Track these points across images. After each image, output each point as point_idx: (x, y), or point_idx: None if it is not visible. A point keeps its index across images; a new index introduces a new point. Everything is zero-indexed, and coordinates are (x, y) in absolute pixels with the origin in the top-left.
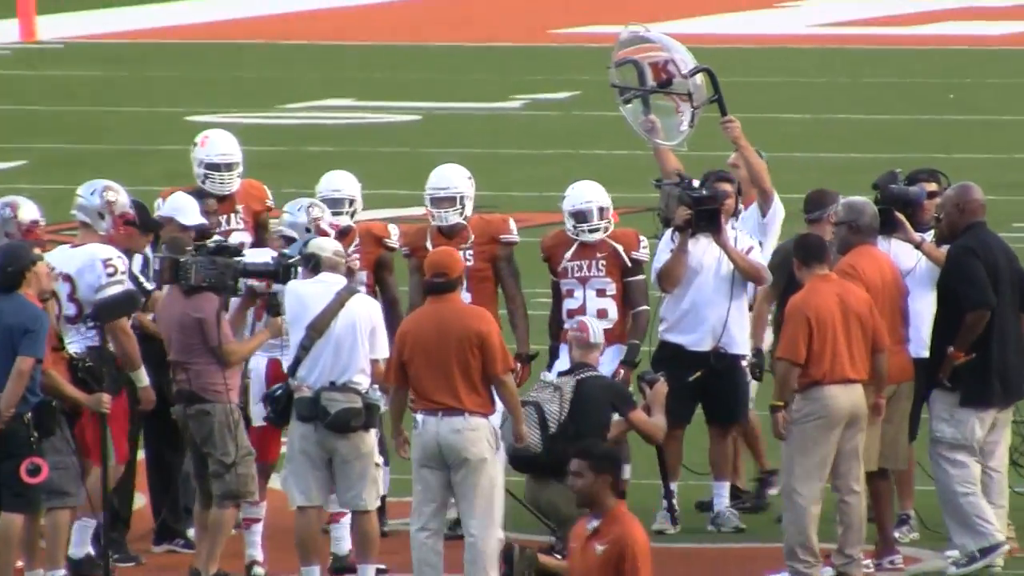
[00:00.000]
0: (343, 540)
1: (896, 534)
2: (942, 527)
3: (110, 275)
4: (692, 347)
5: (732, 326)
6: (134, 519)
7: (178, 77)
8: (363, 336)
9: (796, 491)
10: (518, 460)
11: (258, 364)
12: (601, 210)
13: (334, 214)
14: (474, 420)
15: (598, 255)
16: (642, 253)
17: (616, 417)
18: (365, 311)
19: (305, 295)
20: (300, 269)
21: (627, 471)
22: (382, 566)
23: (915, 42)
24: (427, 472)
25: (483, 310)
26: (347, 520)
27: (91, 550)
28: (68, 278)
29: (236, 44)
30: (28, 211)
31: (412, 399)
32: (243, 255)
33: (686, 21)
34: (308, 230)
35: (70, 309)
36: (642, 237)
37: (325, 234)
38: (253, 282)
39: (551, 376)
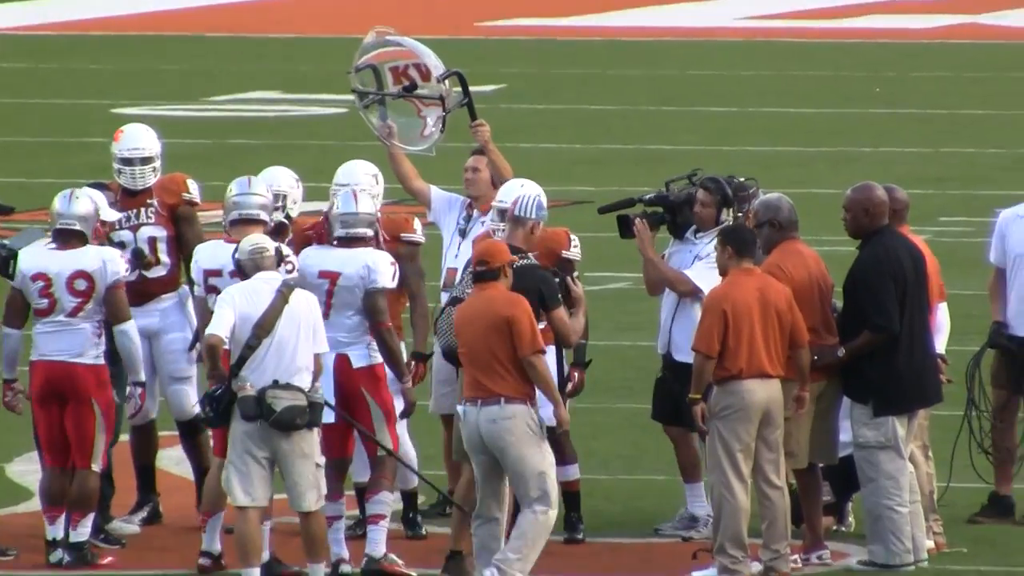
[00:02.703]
0: (378, 543)
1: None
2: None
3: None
4: (659, 349)
5: (675, 332)
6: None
7: (103, 69)
8: (307, 332)
9: (722, 485)
10: (453, 355)
11: (327, 361)
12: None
13: None
14: (510, 408)
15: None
16: (573, 252)
17: None
18: (307, 306)
19: (249, 291)
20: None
21: (575, 471)
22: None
23: (841, 35)
24: (475, 460)
25: (517, 296)
26: (384, 523)
27: None
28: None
29: (161, 36)
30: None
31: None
32: None
33: (614, 14)
34: None
35: None
36: (573, 236)
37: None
38: None
39: None
